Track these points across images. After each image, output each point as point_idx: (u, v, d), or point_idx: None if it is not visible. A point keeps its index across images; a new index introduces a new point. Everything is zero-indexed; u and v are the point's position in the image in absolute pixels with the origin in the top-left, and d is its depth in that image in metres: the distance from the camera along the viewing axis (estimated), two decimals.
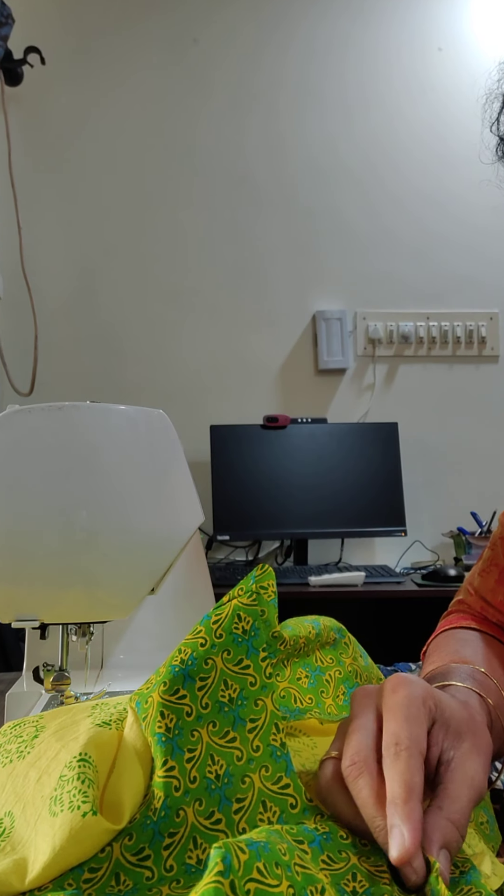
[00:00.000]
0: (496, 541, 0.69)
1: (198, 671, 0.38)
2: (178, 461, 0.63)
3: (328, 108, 2.28)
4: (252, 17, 2.27)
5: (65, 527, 0.56)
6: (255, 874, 0.26)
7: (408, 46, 2.29)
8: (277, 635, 0.43)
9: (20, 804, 0.36)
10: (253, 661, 0.40)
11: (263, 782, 0.37)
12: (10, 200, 2.12)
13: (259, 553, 2.18)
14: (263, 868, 0.27)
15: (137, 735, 0.37)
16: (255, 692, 0.39)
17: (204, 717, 0.38)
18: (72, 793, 0.33)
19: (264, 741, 0.38)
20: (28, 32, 2.12)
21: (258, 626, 0.41)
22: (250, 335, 2.24)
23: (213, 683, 0.38)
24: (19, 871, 0.32)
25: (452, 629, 0.65)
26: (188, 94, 2.26)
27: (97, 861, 0.33)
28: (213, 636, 0.39)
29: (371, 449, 2.09)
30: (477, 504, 2.07)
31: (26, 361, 2.12)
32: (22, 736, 0.41)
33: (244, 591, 0.42)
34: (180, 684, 0.37)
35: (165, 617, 0.75)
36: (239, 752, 0.38)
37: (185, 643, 0.39)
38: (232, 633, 0.40)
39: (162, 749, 0.36)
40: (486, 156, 0.62)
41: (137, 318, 2.22)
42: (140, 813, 0.34)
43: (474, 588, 0.69)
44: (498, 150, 0.62)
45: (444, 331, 2.25)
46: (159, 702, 0.37)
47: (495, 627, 0.65)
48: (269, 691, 0.40)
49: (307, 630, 0.50)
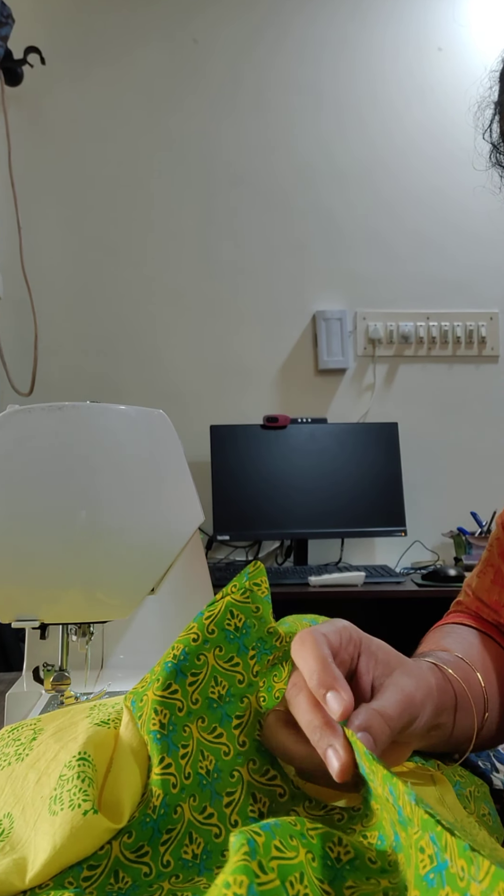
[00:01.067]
0: (492, 542, 0.69)
1: (190, 666, 0.39)
2: (178, 461, 0.63)
3: (328, 108, 2.28)
4: (251, 17, 2.27)
5: (65, 527, 0.56)
6: (274, 852, 0.27)
7: (407, 46, 2.29)
8: (273, 631, 0.43)
9: (19, 806, 0.36)
10: (242, 659, 0.41)
11: (251, 775, 0.38)
12: (10, 200, 2.12)
13: (259, 553, 2.18)
14: (280, 844, 0.27)
15: (133, 734, 0.37)
16: (242, 689, 0.40)
17: (194, 713, 0.38)
18: (72, 791, 0.34)
19: (250, 736, 0.39)
20: (28, 32, 2.12)
21: (250, 623, 0.42)
22: (250, 335, 2.24)
23: (203, 679, 0.39)
24: (19, 870, 0.32)
25: (444, 625, 0.66)
26: (187, 94, 2.26)
27: (96, 859, 0.33)
28: (205, 632, 0.40)
29: (371, 449, 2.09)
30: (477, 504, 2.07)
31: (26, 361, 2.12)
32: (20, 739, 0.41)
33: (237, 588, 0.42)
34: (172, 679, 0.38)
35: (165, 617, 0.75)
36: (226, 747, 0.38)
37: (179, 640, 0.40)
38: (224, 630, 0.41)
39: (158, 747, 0.36)
40: (480, 163, 0.63)
41: (137, 318, 2.22)
42: (139, 811, 0.35)
43: (472, 589, 0.70)
44: (491, 157, 0.62)
45: (444, 331, 2.25)
46: (154, 699, 0.37)
47: (490, 626, 0.65)
48: (255, 690, 0.41)
49: (304, 627, 0.50)
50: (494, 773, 0.51)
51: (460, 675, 0.48)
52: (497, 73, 0.58)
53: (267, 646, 0.42)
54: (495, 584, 0.66)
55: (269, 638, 0.43)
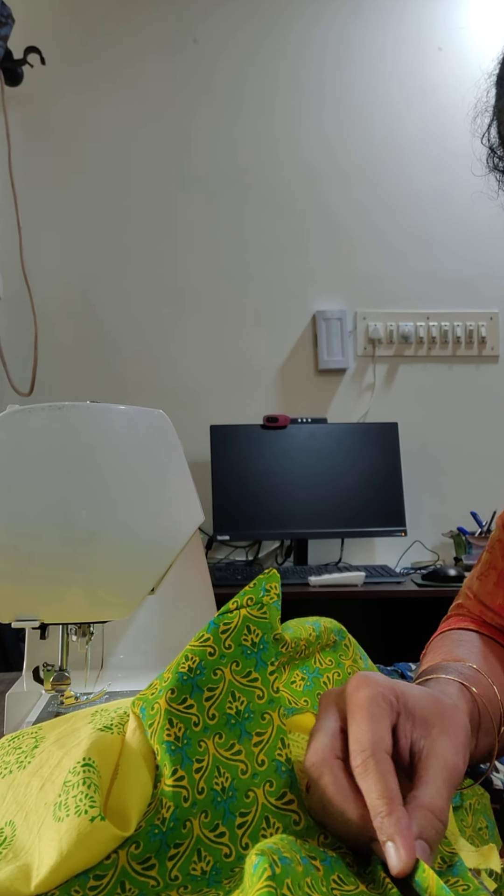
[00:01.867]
0: (494, 544, 0.69)
1: (206, 681, 0.38)
2: (178, 461, 0.63)
3: (328, 108, 2.28)
4: (251, 17, 2.27)
5: (65, 527, 0.56)
6: (285, 890, 0.27)
7: (407, 46, 2.29)
8: (279, 637, 0.43)
9: (22, 813, 0.36)
10: (261, 675, 0.40)
11: (267, 798, 0.37)
12: (10, 200, 2.12)
13: (259, 553, 2.18)
14: (291, 884, 0.27)
15: (141, 741, 0.36)
16: (262, 706, 0.39)
17: (211, 729, 0.37)
18: (78, 797, 0.33)
19: (269, 756, 0.38)
20: (28, 32, 2.11)
21: (267, 639, 0.41)
22: (250, 335, 2.24)
23: (220, 695, 0.38)
24: (24, 876, 0.32)
25: (450, 630, 0.65)
26: (187, 94, 2.26)
27: (103, 868, 0.32)
28: (221, 646, 0.39)
29: (371, 449, 2.09)
30: (477, 504, 2.07)
31: (26, 361, 2.12)
32: (21, 747, 0.40)
33: (254, 602, 0.41)
34: (188, 693, 0.37)
35: (165, 617, 0.75)
36: (244, 765, 0.37)
37: (193, 650, 0.39)
38: (241, 645, 0.40)
39: (171, 758, 0.35)
40: (478, 167, 0.63)
41: (137, 317, 2.22)
42: (147, 821, 0.34)
43: (473, 592, 0.69)
44: (489, 161, 0.62)
45: (444, 331, 2.25)
46: (167, 709, 0.36)
47: (494, 630, 0.65)
48: (277, 706, 0.40)
49: (308, 632, 0.50)
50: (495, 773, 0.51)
51: (481, 690, 0.48)
52: (494, 77, 0.58)
53: (274, 653, 0.42)
54: (499, 587, 0.66)
55: (275, 645, 0.42)
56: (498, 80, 0.57)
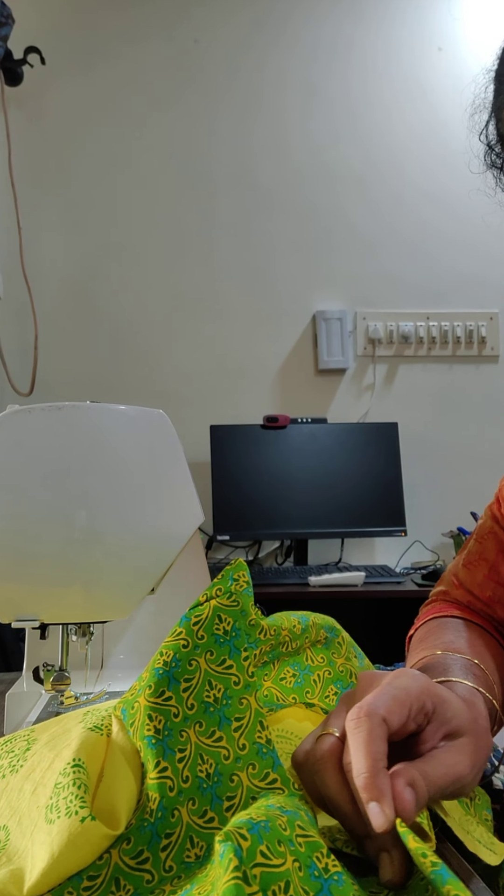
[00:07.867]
0: (485, 534, 0.67)
1: (182, 673, 0.39)
2: (178, 461, 0.63)
3: (327, 108, 2.28)
4: (252, 18, 2.27)
5: (65, 527, 0.56)
6: (259, 858, 0.26)
7: (408, 46, 2.29)
8: (255, 623, 0.43)
9: (15, 817, 0.36)
10: (235, 661, 0.40)
11: (251, 780, 0.38)
12: (10, 200, 2.12)
13: (259, 553, 2.18)
14: (267, 850, 0.27)
15: (125, 741, 0.37)
16: (238, 691, 0.40)
17: (190, 718, 0.38)
18: (68, 799, 0.33)
19: (250, 739, 0.39)
20: (28, 32, 2.11)
21: (239, 626, 0.41)
22: (250, 335, 2.24)
23: (197, 684, 0.39)
24: (16, 880, 0.32)
25: (438, 617, 0.65)
26: (187, 94, 2.26)
27: (95, 868, 0.32)
28: (194, 637, 0.40)
29: (371, 449, 2.09)
30: (477, 504, 2.06)
31: (26, 361, 2.12)
32: (14, 751, 0.40)
33: (223, 592, 0.42)
34: (165, 686, 0.38)
35: (165, 617, 0.75)
36: (226, 751, 0.38)
37: (167, 645, 0.39)
38: (214, 634, 0.40)
39: (153, 751, 0.36)
40: (475, 164, 0.62)
41: (137, 317, 2.22)
42: (136, 817, 0.34)
43: (459, 580, 0.68)
44: (486, 159, 0.62)
45: (444, 331, 2.25)
46: (146, 705, 0.37)
47: (480, 617, 0.64)
48: (253, 690, 0.40)
49: (291, 623, 0.50)
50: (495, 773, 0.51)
51: (484, 687, 0.48)
52: (492, 73, 0.58)
53: (251, 639, 0.42)
54: (489, 579, 0.65)
55: (252, 631, 0.42)
56: (496, 76, 0.57)
